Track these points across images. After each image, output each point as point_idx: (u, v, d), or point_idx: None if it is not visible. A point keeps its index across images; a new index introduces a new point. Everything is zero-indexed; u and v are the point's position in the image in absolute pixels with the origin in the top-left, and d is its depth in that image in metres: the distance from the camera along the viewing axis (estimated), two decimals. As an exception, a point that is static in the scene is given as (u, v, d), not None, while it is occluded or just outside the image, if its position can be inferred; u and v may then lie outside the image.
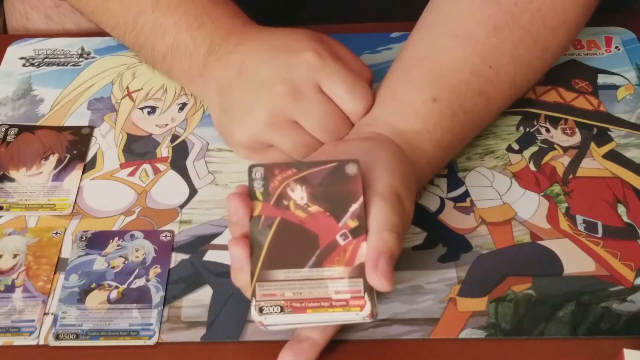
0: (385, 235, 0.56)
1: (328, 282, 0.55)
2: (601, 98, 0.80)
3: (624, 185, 0.72)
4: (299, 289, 0.55)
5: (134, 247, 0.67)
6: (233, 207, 0.57)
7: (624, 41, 0.85)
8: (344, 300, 0.54)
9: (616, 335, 0.61)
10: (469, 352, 0.61)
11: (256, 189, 0.58)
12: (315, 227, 0.56)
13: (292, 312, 0.54)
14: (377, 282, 0.54)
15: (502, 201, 0.71)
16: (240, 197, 0.57)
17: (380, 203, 0.57)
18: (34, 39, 0.87)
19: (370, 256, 0.55)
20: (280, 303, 0.55)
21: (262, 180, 0.58)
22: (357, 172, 0.57)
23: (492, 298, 0.64)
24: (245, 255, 0.56)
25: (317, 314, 0.55)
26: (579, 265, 0.66)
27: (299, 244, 0.56)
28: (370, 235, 0.56)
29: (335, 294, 0.54)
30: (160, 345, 0.61)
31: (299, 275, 0.55)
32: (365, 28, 0.87)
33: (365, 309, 0.54)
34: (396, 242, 0.56)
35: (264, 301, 0.55)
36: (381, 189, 0.58)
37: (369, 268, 0.54)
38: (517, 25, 0.70)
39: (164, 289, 0.64)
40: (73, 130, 0.77)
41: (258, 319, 0.55)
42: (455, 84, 0.68)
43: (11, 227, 0.69)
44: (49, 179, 0.72)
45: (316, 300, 0.54)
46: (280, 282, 0.55)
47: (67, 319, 0.62)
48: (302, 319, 0.55)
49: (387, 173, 0.59)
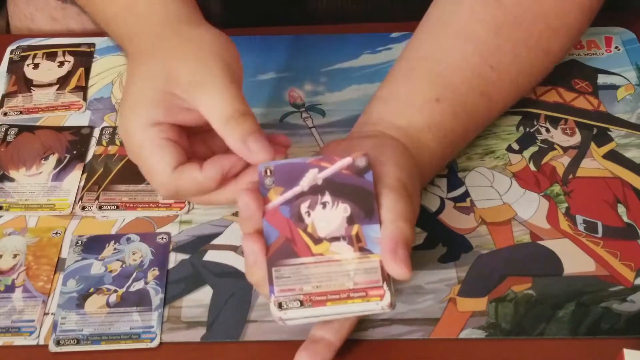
0: (400, 224, 0.56)
1: (344, 272, 0.55)
2: (601, 98, 0.80)
3: (624, 185, 0.72)
4: (316, 282, 0.55)
5: (131, 250, 0.67)
6: (244, 202, 0.57)
7: (624, 41, 0.85)
8: (362, 291, 0.55)
9: (616, 335, 0.61)
10: (469, 352, 0.61)
11: (267, 186, 0.58)
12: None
13: (311, 305, 0.54)
14: (397, 269, 0.54)
15: (502, 201, 0.71)
16: (252, 192, 0.57)
17: (392, 195, 0.57)
18: (35, 38, 0.87)
19: (387, 245, 0.55)
20: (300, 297, 0.55)
21: (272, 177, 0.58)
22: (366, 164, 0.58)
23: (492, 298, 0.64)
24: (260, 249, 0.56)
25: (336, 306, 0.55)
26: (579, 265, 0.66)
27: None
28: (385, 225, 0.56)
29: (353, 285, 0.55)
30: (160, 345, 0.61)
31: (312, 266, 0.55)
32: (365, 28, 0.87)
33: (385, 298, 0.54)
34: (411, 232, 0.56)
35: (283, 296, 0.55)
36: (391, 182, 0.58)
37: (387, 256, 0.55)
38: (519, 26, 0.70)
39: (163, 291, 0.64)
40: (73, 130, 0.77)
41: (277, 315, 0.55)
42: (457, 83, 0.68)
43: (11, 227, 0.69)
44: (48, 179, 0.72)
45: (335, 293, 0.55)
46: (297, 275, 0.55)
47: (67, 324, 0.62)
48: (322, 311, 0.55)
49: (395, 168, 0.60)
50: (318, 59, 0.83)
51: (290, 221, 0.57)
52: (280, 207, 0.57)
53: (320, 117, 0.78)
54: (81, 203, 0.70)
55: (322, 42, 0.85)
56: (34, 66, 0.83)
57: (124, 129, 0.63)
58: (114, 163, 0.73)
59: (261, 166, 0.59)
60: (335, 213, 0.57)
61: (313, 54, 0.84)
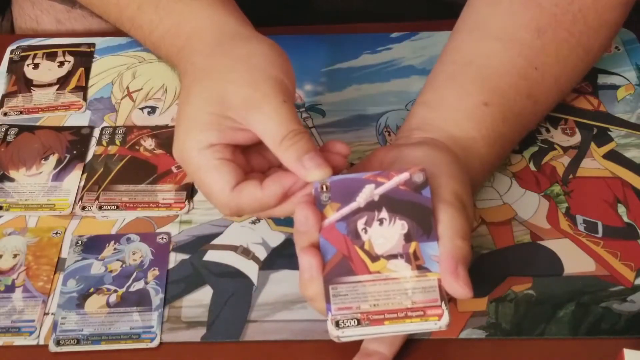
0: (459, 243, 0.55)
1: (402, 290, 0.54)
2: (601, 98, 0.80)
3: (624, 185, 0.72)
4: (374, 301, 0.54)
5: (131, 250, 0.67)
6: (303, 215, 0.56)
7: (624, 41, 0.85)
8: (421, 310, 0.54)
9: (616, 335, 0.61)
10: (469, 352, 0.61)
11: (323, 202, 0.57)
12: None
13: (369, 324, 0.54)
14: (459, 290, 0.54)
15: (502, 201, 0.71)
16: (310, 205, 0.57)
17: (449, 210, 0.56)
18: (35, 38, 0.87)
19: (447, 265, 0.54)
20: (357, 316, 0.54)
21: (328, 193, 0.57)
22: (424, 180, 0.57)
23: (493, 298, 0.64)
24: (317, 265, 0.55)
25: (394, 325, 0.54)
26: (579, 265, 0.66)
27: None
28: (443, 243, 0.55)
29: (411, 304, 0.54)
30: (160, 345, 0.61)
31: (370, 284, 0.55)
32: (365, 28, 0.87)
33: (443, 318, 0.54)
34: (469, 249, 0.56)
35: (340, 314, 0.54)
36: (447, 195, 0.57)
37: (448, 278, 0.54)
38: (559, 26, 0.69)
39: (163, 291, 0.64)
40: (73, 131, 0.77)
41: (335, 333, 0.54)
42: (504, 87, 0.67)
43: (11, 227, 0.69)
44: (48, 179, 0.72)
45: (393, 312, 0.54)
46: (354, 292, 0.55)
47: (67, 324, 0.62)
48: (379, 330, 0.54)
49: (450, 179, 0.59)
50: (318, 59, 0.83)
51: (347, 238, 0.56)
52: (336, 224, 0.56)
53: (320, 117, 0.78)
54: (81, 203, 0.70)
55: (322, 42, 0.85)
56: (34, 66, 0.83)
57: (179, 152, 0.62)
58: (114, 163, 0.73)
59: (317, 182, 0.58)
60: (392, 230, 0.56)
61: (313, 54, 0.84)
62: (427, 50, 0.83)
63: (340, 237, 0.56)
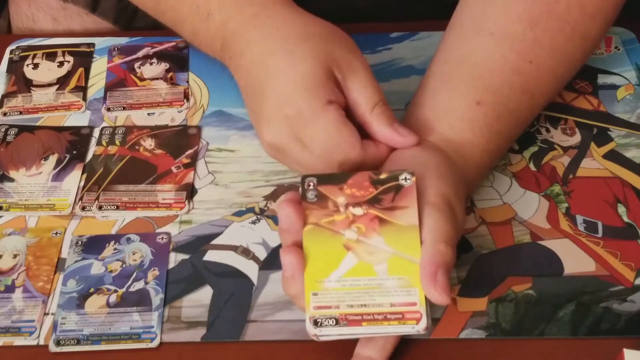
0: (441, 248, 0.55)
1: (382, 292, 0.54)
2: (601, 98, 0.80)
3: (624, 185, 0.72)
4: (353, 301, 0.55)
5: (131, 251, 0.67)
6: (285, 213, 0.56)
7: (624, 41, 0.85)
8: (399, 314, 0.54)
9: (616, 335, 0.61)
10: (469, 352, 0.61)
11: (309, 199, 0.57)
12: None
13: (347, 324, 0.54)
14: (436, 296, 0.54)
15: (502, 201, 0.71)
16: (293, 203, 0.57)
17: (434, 213, 0.56)
18: (35, 38, 0.87)
19: (427, 270, 0.54)
20: (335, 315, 0.54)
21: (315, 191, 0.58)
22: (412, 183, 0.57)
23: (492, 298, 0.64)
24: (297, 264, 0.55)
25: (372, 327, 0.54)
26: (579, 265, 0.66)
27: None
28: (425, 247, 0.55)
29: (390, 307, 0.54)
30: (160, 345, 0.61)
31: (350, 284, 0.55)
32: (365, 28, 0.87)
33: (421, 322, 0.54)
34: (452, 254, 0.55)
35: (319, 314, 0.55)
36: (433, 198, 0.57)
37: (426, 282, 0.54)
38: (553, 16, 0.68)
39: (164, 291, 0.64)
40: (73, 131, 0.77)
41: (313, 332, 0.55)
42: (497, 84, 0.67)
43: (11, 227, 0.69)
44: (48, 179, 0.72)
45: (371, 314, 0.54)
46: (333, 292, 0.55)
47: (67, 324, 0.62)
48: (357, 330, 0.55)
49: (438, 181, 0.59)
50: (318, 59, 0.83)
51: None
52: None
53: (320, 117, 0.78)
54: (81, 203, 0.70)
55: (322, 42, 0.85)
56: (33, 66, 0.83)
57: (296, 110, 0.62)
58: (114, 163, 0.73)
59: (304, 179, 0.58)
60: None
61: (313, 54, 0.84)
62: (427, 50, 0.83)
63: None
